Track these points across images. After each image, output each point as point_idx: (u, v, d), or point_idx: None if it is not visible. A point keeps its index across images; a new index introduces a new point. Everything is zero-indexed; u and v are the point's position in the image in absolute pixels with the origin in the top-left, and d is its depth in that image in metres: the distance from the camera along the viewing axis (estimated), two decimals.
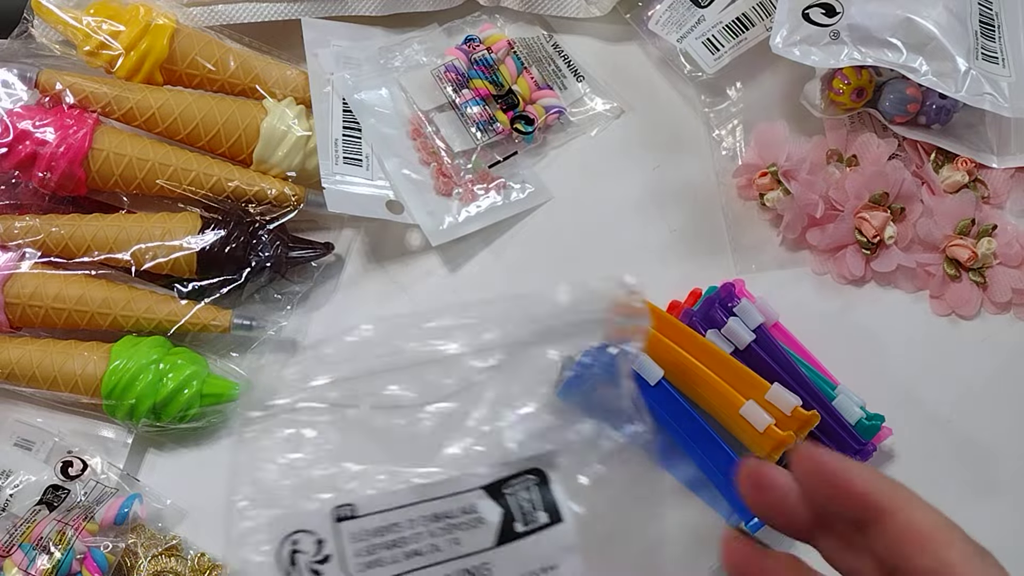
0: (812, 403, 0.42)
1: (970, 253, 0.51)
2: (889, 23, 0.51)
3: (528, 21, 0.60)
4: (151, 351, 0.47)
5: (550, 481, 0.28)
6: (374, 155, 0.54)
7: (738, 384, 0.40)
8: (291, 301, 0.52)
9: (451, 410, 0.28)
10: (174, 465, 0.49)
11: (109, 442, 0.48)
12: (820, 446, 0.27)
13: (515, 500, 0.27)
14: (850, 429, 0.44)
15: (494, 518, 0.27)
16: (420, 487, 0.27)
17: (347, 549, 0.26)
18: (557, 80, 0.57)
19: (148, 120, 0.51)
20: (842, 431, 0.43)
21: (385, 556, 0.26)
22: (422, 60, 0.57)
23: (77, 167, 0.49)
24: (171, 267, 0.49)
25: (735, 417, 0.40)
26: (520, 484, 0.28)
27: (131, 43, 0.52)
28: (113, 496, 0.45)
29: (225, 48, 0.54)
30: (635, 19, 0.59)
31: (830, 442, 0.43)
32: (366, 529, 0.26)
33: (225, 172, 0.51)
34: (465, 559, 0.26)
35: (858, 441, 0.43)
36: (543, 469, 0.28)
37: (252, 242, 0.50)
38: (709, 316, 0.44)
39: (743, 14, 0.56)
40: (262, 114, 0.52)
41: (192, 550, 0.46)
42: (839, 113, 0.54)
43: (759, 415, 0.39)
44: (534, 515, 0.27)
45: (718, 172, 0.55)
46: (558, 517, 0.27)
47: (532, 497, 0.27)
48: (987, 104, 0.51)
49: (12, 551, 0.43)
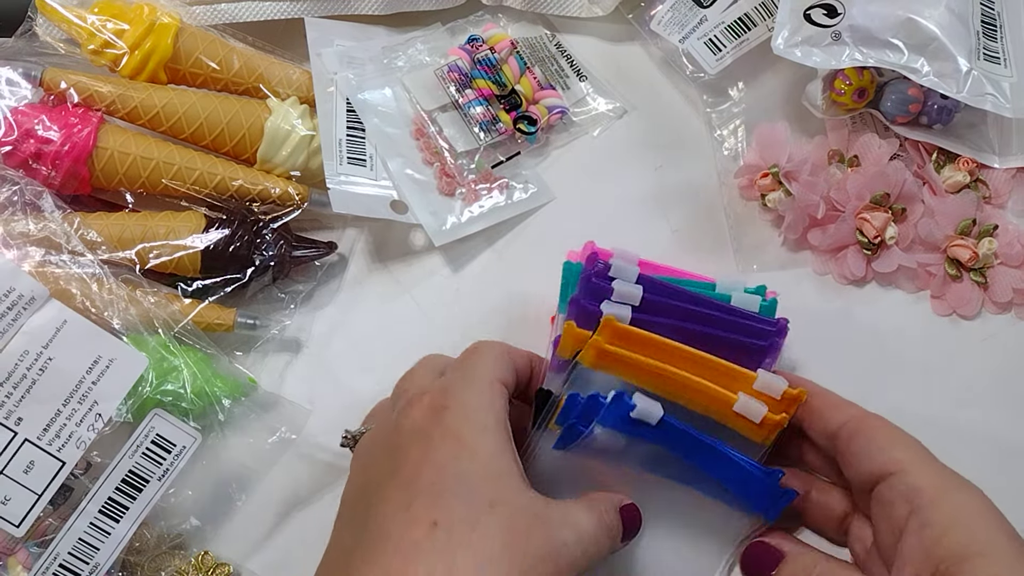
0: (720, 315, 0.42)
1: (971, 253, 0.51)
2: (891, 24, 0.51)
3: (531, 21, 0.60)
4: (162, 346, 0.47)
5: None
6: (378, 155, 0.54)
7: (723, 380, 0.40)
8: (295, 300, 0.52)
9: None
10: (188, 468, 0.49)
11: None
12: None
13: None
14: (760, 318, 0.43)
15: None
16: None
17: None
18: (560, 80, 0.58)
19: (152, 119, 0.51)
20: (756, 323, 0.42)
21: None
22: (425, 60, 0.57)
23: (81, 165, 0.49)
24: (175, 266, 0.49)
25: (730, 415, 0.40)
26: None
27: (135, 42, 0.52)
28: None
29: (229, 47, 0.54)
30: (637, 19, 0.59)
31: (753, 340, 0.42)
32: None
33: (229, 171, 0.52)
34: None
35: (771, 323, 0.43)
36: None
37: (256, 241, 0.50)
38: (593, 291, 0.42)
39: (745, 14, 0.56)
40: (266, 113, 0.52)
41: (196, 548, 0.47)
42: (840, 114, 0.54)
43: (754, 408, 0.39)
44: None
45: (720, 172, 0.56)
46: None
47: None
48: (989, 104, 0.51)
49: (16, 549, 0.43)
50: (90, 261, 0.47)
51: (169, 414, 0.45)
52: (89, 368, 0.44)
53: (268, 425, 0.49)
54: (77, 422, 0.43)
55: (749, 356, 0.42)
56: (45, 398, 0.43)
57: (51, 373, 0.43)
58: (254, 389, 0.49)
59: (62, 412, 0.43)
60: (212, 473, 0.48)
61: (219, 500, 0.47)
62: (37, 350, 0.43)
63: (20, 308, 0.42)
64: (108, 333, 0.44)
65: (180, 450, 0.45)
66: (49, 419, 0.43)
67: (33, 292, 0.43)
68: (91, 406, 0.43)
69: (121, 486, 0.44)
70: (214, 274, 0.50)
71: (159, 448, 0.44)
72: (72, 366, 0.43)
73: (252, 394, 0.49)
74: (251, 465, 0.48)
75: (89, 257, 0.47)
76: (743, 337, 0.42)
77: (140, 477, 0.44)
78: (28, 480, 0.42)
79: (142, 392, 0.45)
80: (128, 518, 0.44)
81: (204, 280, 0.50)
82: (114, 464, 0.44)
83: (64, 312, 0.43)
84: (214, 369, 0.48)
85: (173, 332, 0.48)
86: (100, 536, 0.43)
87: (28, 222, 0.47)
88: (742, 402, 0.39)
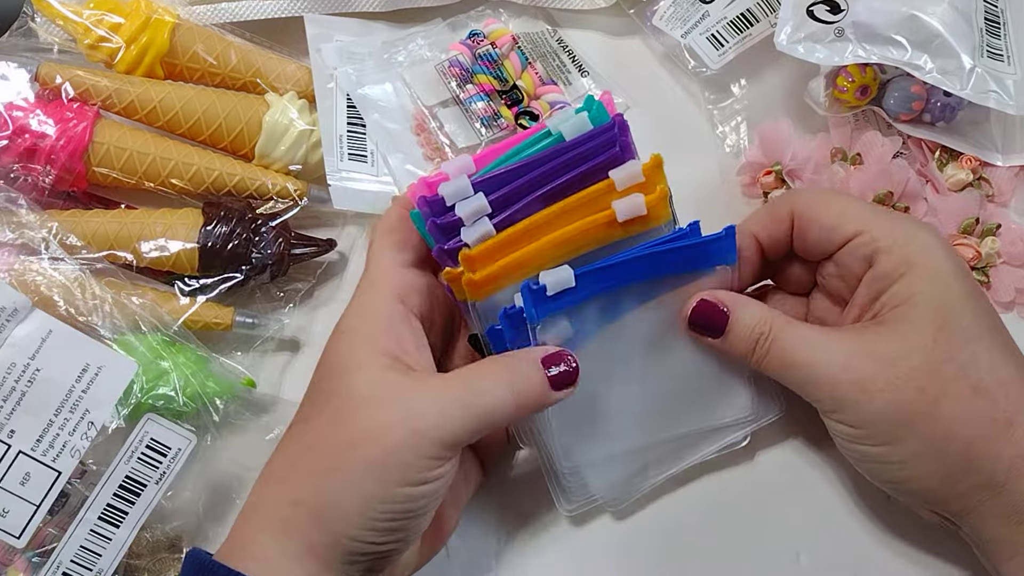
0: (561, 159, 0.39)
1: (974, 252, 0.51)
2: (894, 20, 0.51)
3: (532, 16, 0.60)
4: (151, 350, 0.47)
5: None
6: (378, 151, 0.54)
7: (592, 208, 0.39)
8: (294, 299, 0.52)
9: None
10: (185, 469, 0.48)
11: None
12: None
13: None
14: (595, 131, 0.40)
15: None
16: None
17: None
18: (561, 75, 0.57)
19: (149, 114, 0.51)
20: (594, 140, 0.40)
21: None
22: (426, 55, 0.57)
23: (77, 161, 0.49)
24: (173, 263, 0.49)
25: (623, 227, 0.39)
26: None
27: (132, 37, 0.51)
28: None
29: (226, 42, 0.54)
30: (639, 15, 0.59)
31: (602, 156, 0.39)
32: None
33: (227, 166, 0.51)
34: None
35: (606, 128, 0.40)
36: None
37: (254, 239, 0.49)
38: (443, 230, 0.40)
39: (747, 10, 0.56)
40: (264, 108, 0.52)
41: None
42: (843, 111, 0.54)
43: (633, 204, 0.38)
44: None
45: (722, 169, 0.55)
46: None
47: None
48: (992, 102, 0.51)
49: (15, 558, 0.43)
50: (71, 267, 0.46)
51: (162, 417, 0.44)
52: (78, 376, 0.43)
53: (264, 424, 0.48)
54: (70, 431, 0.43)
55: (613, 168, 0.40)
56: (36, 409, 0.42)
57: (40, 384, 0.42)
58: (248, 391, 0.48)
59: (54, 422, 0.43)
60: (210, 474, 0.47)
61: (218, 500, 0.47)
62: (24, 362, 0.42)
63: (3, 320, 0.42)
64: (95, 340, 0.44)
65: (176, 453, 0.44)
66: (42, 430, 0.42)
67: (15, 303, 0.42)
68: (83, 414, 0.43)
69: (119, 492, 0.43)
70: (212, 272, 0.49)
71: (154, 452, 0.44)
72: (61, 375, 0.43)
73: (246, 395, 0.48)
74: (249, 464, 0.48)
75: (70, 262, 0.46)
76: (592, 161, 0.40)
77: (137, 482, 0.44)
78: (25, 492, 0.42)
79: (134, 397, 0.44)
80: (128, 523, 0.43)
81: (202, 278, 0.49)
82: (111, 470, 0.43)
83: (49, 321, 0.43)
84: (207, 370, 0.47)
85: (161, 334, 0.47)
86: (101, 543, 0.43)
87: (5, 230, 0.46)
88: (620, 209, 0.38)
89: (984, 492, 0.37)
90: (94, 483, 0.43)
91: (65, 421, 0.43)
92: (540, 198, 0.39)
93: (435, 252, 0.40)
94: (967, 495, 0.38)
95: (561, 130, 0.40)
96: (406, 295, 0.40)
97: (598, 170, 0.39)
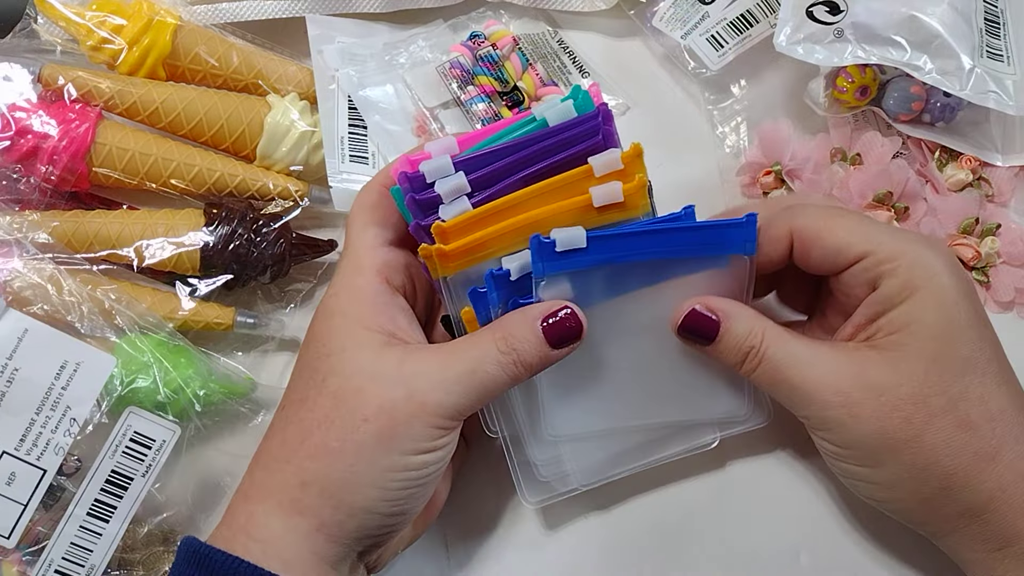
0: (543, 144, 0.40)
1: (974, 252, 0.51)
2: (893, 21, 0.51)
3: (533, 17, 0.60)
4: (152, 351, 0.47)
5: None
6: (380, 152, 0.54)
7: (569, 192, 0.39)
8: (295, 299, 0.52)
9: None
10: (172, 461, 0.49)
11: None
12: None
13: None
14: (579, 119, 0.40)
15: None
16: None
17: None
18: (562, 76, 0.57)
19: (151, 115, 0.51)
20: (577, 128, 0.40)
21: None
22: (427, 56, 0.57)
23: (79, 161, 0.49)
24: (174, 264, 0.49)
25: (601, 213, 0.39)
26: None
27: (134, 38, 0.51)
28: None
29: (228, 44, 0.54)
30: (639, 16, 0.59)
31: (584, 143, 0.40)
32: None
33: (229, 167, 0.51)
34: None
35: (590, 117, 0.40)
36: None
37: (256, 239, 0.50)
38: (422, 206, 0.40)
39: (747, 11, 0.56)
40: (266, 109, 0.52)
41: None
42: (843, 111, 0.54)
43: (610, 191, 0.38)
44: None
45: (722, 170, 0.55)
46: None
47: None
48: (992, 102, 0.51)
49: (10, 553, 0.43)
50: (45, 266, 0.46)
51: (144, 410, 0.45)
52: (57, 374, 0.43)
53: (250, 410, 0.49)
54: (52, 429, 0.43)
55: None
56: (17, 409, 0.42)
57: (20, 384, 0.43)
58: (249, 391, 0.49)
59: (36, 420, 0.43)
60: (198, 464, 0.47)
61: (208, 489, 0.47)
62: (1, 363, 0.43)
63: None
64: (72, 336, 0.44)
65: (160, 445, 0.44)
66: (24, 429, 0.43)
67: None
68: (64, 411, 0.43)
69: (106, 486, 0.43)
70: (213, 273, 0.50)
71: (139, 445, 0.44)
72: (39, 374, 0.43)
73: (230, 384, 0.48)
74: (238, 452, 0.48)
75: (45, 261, 0.46)
76: (574, 148, 0.40)
77: (124, 476, 0.44)
78: (12, 492, 0.42)
79: (114, 392, 0.44)
80: (117, 517, 0.43)
81: (203, 279, 0.49)
82: (96, 465, 0.43)
83: (23, 320, 0.43)
84: (189, 358, 0.47)
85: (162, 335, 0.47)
86: (92, 538, 0.43)
87: None
88: (597, 195, 0.38)
89: (962, 519, 0.38)
90: (80, 479, 0.43)
91: (47, 419, 0.43)
92: (520, 181, 0.40)
93: (412, 228, 0.40)
94: (946, 520, 0.38)
95: (546, 116, 0.40)
96: (390, 274, 0.40)
97: (579, 157, 0.40)
